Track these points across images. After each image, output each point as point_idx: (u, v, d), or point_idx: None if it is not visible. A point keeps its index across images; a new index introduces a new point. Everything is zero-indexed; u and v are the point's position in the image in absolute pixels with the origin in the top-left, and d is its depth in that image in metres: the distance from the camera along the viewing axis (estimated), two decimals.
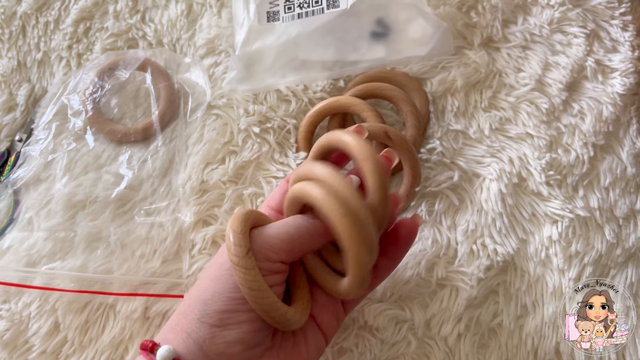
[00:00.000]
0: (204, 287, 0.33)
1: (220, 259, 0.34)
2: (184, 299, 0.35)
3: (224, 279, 0.33)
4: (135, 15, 0.59)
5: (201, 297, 0.33)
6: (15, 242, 0.49)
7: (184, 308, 0.34)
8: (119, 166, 0.51)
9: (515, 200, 0.49)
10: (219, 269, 0.33)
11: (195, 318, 0.32)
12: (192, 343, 0.32)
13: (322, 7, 0.53)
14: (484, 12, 0.54)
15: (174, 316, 0.34)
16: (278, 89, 0.54)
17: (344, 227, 0.30)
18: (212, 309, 0.32)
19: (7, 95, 0.56)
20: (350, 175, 0.37)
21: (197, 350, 0.32)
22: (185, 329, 0.33)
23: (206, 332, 0.32)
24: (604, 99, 0.51)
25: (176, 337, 0.33)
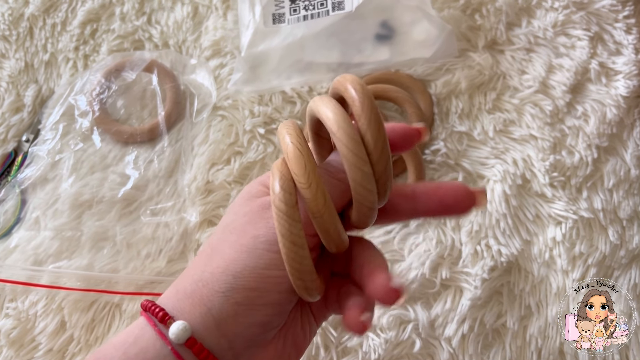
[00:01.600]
0: (233, 258, 0.29)
1: (253, 230, 0.29)
2: (199, 264, 0.30)
3: (258, 253, 0.28)
4: (141, 17, 0.59)
5: (229, 269, 0.28)
6: (23, 241, 0.49)
7: (204, 276, 0.29)
8: (125, 166, 0.52)
9: (519, 201, 0.49)
10: (254, 240, 0.29)
11: (220, 291, 0.28)
12: (210, 319, 0.28)
13: (327, 10, 0.53)
14: (488, 15, 0.54)
15: (188, 281, 0.30)
16: (283, 90, 0.54)
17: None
18: (241, 284, 0.28)
19: (15, 96, 0.57)
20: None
21: (214, 328, 0.28)
22: (204, 301, 0.28)
23: (230, 309, 0.28)
24: (607, 101, 0.51)
25: (193, 309, 0.28)
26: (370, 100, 0.27)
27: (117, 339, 0.29)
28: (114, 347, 0.28)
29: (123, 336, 0.29)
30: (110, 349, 0.28)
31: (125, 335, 0.29)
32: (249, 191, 0.32)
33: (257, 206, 0.30)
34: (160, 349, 0.28)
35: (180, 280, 0.30)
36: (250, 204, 0.31)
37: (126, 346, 0.28)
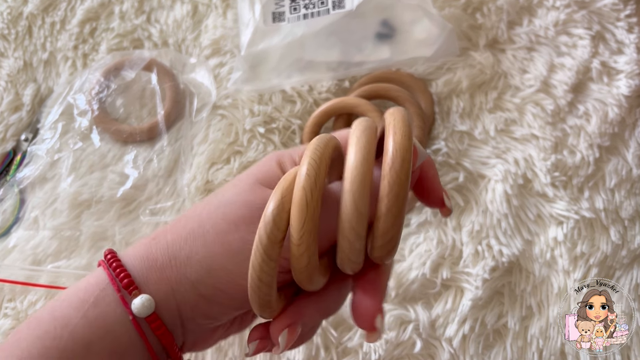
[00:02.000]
0: (215, 252, 0.27)
1: (246, 232, 0.28)
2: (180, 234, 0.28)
3: (241, 260, 0.27)
4: (141, 15, 0.59)
5: (206, 262, 0.27)
6: (21, 240, 0.49)
7: (180, 256, 0.28)
8: (125, 166, 0.52)
9: (521, 201, 0.49)
10: (242, 244, 0.27)
11: (190, 279, 0.27)
12: (172, 300, 0.28)
13: (328, 8, 0.53)
14: (489, 14, 0.54)
15: (161, 252, 0.28)
16: (283, 89, 0.54)
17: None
18: (212, 282, 0.27)
19: (14, 95, 0.56)
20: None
21: (174, 309, 0.28)
22: (171, 282, 0.27)
23: (192, 298, 0.28)
24: (609, 100, 0.51)
25: (159, 284, 0.27)
26: (406, 173, 0.24)
27: (75, 296, 0.27)
28: (71, 306, 0.27)
29: (81, 293, 0.27)
30: (68, 308, 0.27)
31: (84, 293, 0.27)
32: (263, 171, 0.30)
33: (260, 201, 0.28)
34: (120, 314, 0.27)
35: (154, 243, 0.29)
36: (256, 192, 0.29)
37: (86, 306, 0.27)
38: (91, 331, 0.26)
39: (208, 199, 0.30)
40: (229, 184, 0.30)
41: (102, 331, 0.27)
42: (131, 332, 0.27)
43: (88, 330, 0.26)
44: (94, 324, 0.27)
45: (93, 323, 0.27)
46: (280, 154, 0.31)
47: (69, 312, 0.27)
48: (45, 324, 0.27)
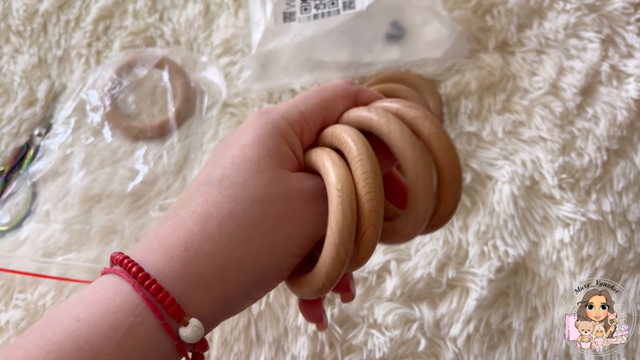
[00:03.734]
0: (263, 253, 0.26)
1: (290, 226, 0.27)
2: (220, 243, 0.26)
3: (288, 255, 0.27)
4: (153, 14, 0.60)
5: (257, 266, 0.26)
6: (33, 233, 0.50)
7: (228, 266, 0.26)
8: (135, 161, 0.52)
9: (528, 202, 0.49)
10: (287, 238, 0.27)
11: (241, 286, 0.26)
12: (222, 308, 0.26)
13: (338, 9, 0.53)
14: (499, 16, 0.54)
15: (206, 264, 0.25)
16: (293, 88, 0.54)
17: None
18: (262, 283, 0.27)
19: (28, 90, 0.57)
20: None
21: (222, 316, 0.27)
22: (223, 294, 0.26)
23: (242, 300, 0.27)
24: (618, 104, 0.51)
25: (209, 299, 0.25)
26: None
27: (104, 321, 0.24)
28: (101, 334, 0.23)
29: (111, 318, 0.24)
30: (97, 335, 0.23)
31: (115, 318, 0.24)
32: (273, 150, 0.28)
33: (294, 193, 0.27)
34: (161, 343, 0.24)
35: (190, 255, 0.25)
36: (285, 180, 0.27)
37: (119, 336, 0.23)
38: None
39: (227, 192, 0.27)
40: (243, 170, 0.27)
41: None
42: (170, 354, 0.25)
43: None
44: (131, 356, 0.24)
45: (129, 355, 0.23)
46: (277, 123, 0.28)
47: (99, 342, 0.23)
48: (69, 354, 0.23)
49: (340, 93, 0.30)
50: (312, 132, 0.30)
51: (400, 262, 0.47)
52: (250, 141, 0.28)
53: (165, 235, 0.26)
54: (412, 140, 0.27)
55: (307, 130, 0.29)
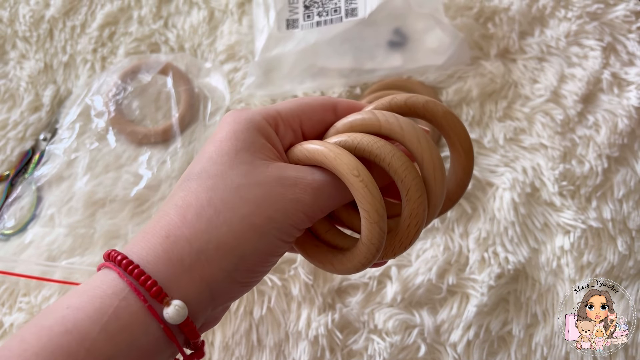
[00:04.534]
0: (245, 237, 0.27)
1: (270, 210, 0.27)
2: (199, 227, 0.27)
3: (270, 239, 0.27)
4: (158, 20, 0.60)
5: (239, 248, 0.27)
6: (37, 237, 0.51)
7: (208, 249, 0.26)
8: (139, 166, 0.53)
9: (528, 209, 0.49)
10: (268, 222, 0.27)
11: (224, 270, 0.26)
12: (207, 295, 0.27)
13: (341, 16, 0.54)
14: (501, 24, 0.54)
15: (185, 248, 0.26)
16: (295, 95, 0.55)
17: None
18: (246, 266, 0.27)
19: (34, 95, 0.58)
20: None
21: (209, 304, 0.27)
22: (206, 278, 0.26)
23: (228, 287, 0.27)
24: (619, 111, 0.51)
25: (191, 284, 0.26)
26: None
27: (90, 305, 0.25)
28: (89, 320, 0.24)
29: (98, 305, 0.25)
30: (85, 321, 0.24)
31: (101, 303, 0.25)
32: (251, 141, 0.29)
33: (273, 179, 0.28)
34: (148, 325, 0.25)
35: (171, 242, 0.27)
36: (261, 169, 0.28)
37: (105, 319, 0.24)
38: (113, 347, 0.24)
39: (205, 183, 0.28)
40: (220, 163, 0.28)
41: (126, 345, 0.24)
42: (159, 340, 0.26)
43: (110, 346, 0.24)
44: (117, 339, 0.24)
45: (116, 338, 0.24)
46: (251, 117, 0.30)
47: (86, 325, 0.24)
48: (57, 337, 0.24)
49: (319, 101, 0.32)
50: (287, 128, 0.31)
51: (401, 268, 0.48)
52: (225, 136, 0.29)
53: (149, 228, 0.27)
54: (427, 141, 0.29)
55: (281, 125, 0.30)
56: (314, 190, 0.29)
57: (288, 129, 0.31)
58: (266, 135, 0.30)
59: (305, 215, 0.28)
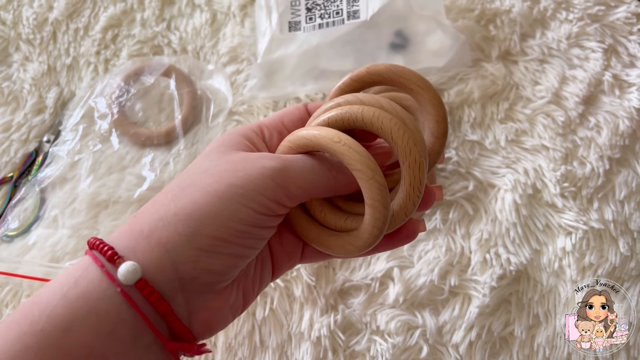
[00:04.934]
0: (204, 202, 0.27)
1: (232, 178, 0.28)
2: (161, 203, 0.28)
3: (232, 204, 0.27)
4: (161, 23, 0.61)
5: (197, 213, 0.27)
6: (41, 238, 0.51)
7: (167, 216, 0.27)
8: (142, 168, 0.53)
9: (530, 211, 0.49)
10: (230, 189, 0.28)
11: (183, 234, 0.27)
12: (167, 261, 0.27)
13: (343, 18, 0.54)
14: (503, 26, 0.55)
15: (145, 221, 0.28)
16: (297, 97, 0.55)
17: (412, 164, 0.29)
18: (206, 232, 0.27)
19: (37, 97, 0.58)
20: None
21: (169, 270, 0.27)
22: (163, 242, 0.27)
23: (190, 253, 0.27)
24: (620, 113, 0.51)
25: (149, 249, 0.27)
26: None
27: (56, 281, 0.26)
28: (52, 291, 0.26)
29: (62, 278, 0.26)
30: (48, 293, 0.26)
31: (65, 278, 0.26)
32: (229, 140, 0.31)
33: (240, 157, 0.29)
34: (105, 289, 0.26)
35: (136, 219, 0.28)
36: (232, 153, 0.30)
37: (65, 289, 0.25)
38: (71, 312, 0.25)
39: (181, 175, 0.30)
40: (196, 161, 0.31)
41: (84, 311, 0.25)
42: (120, 306, 0.26)
43: (68, 311, 0.25)
44: (75, 305, 0.25)
45: (74, 304, 0.25)
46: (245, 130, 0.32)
47: (48, 296, 0.25)
48: (24, 309, 0.26)
49: (293, 107, 0.34)
50: (272, 132, 0.33)
51: (403, 269, 0.48)
52: (206, 149, 0.31)
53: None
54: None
55: (266, 130, 0.33)
56: (282, 160, 0.29)
57: (273, 131, 0.33)
58: (248, 138, 0.31)
59: (273, 182, 0.28)
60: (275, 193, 0.28)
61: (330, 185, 0.30)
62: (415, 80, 0.32)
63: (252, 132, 0.32)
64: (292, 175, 0.29)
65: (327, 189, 0.30)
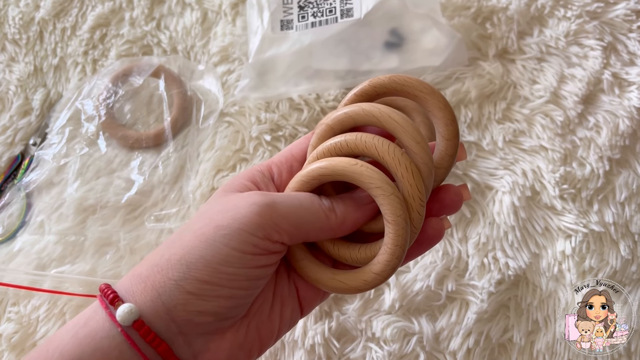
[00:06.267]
0: (191, 246, 0.29)
1: (219, 220, 0.29)
2: (161, 249, 0.30)
3: (217, 246, 0.28)
4: (150, 22, 0.59)
5: (185, 258, 0.29)
6: (27, 245, 0.49)
7: (161, 262, 0.29)
8: (130, 172, 0.52)
9: (528, 213, 0.48)
10: (215, 231, 0.29)
11: (172, 279, 0.28)
12: (160, 305, 0.28)
13: (336, 17, 0.53)
14: (499, 24, 0.54)
15: (145, 266, 0.30)
16: (290, 97, 0.54)
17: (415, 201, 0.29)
18: (193, 275, 0.28)
19: (23, 99, 0.57)
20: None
21: (164, 314, 0.28)
22: (156, 287, 0.28)
23: (180, 297, 0.28)
24: (620, 112, 0.50)
25: (144, 293, 0.29)
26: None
27: (71, 322, 0.29)
28: (65, 330, 0.29)
29: (76, 319, 0.29)
30: (63, 332, 0.29)
31: (78, 318, 0.29)
32: (232, 184, 0.32)
33: (233, 197, 0.30)
34: (109, 329, 0.28)
35: (140, 265, 0.30)
36: (228, 195, 0.31)
37: (77, 328, 0.28)
38: (80, 348, 0.28)
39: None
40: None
41: (90, 348, 0.28)
42: (122, 345, 0.28)
43: (77, 347, 0.28)
44: (83, 342, 0.28)
45: (82, 341, 0.28)
46: (249, 173, 0.33)
47: (61, 335, 0.29)
48: (40, 348, 0.29)
49: (302, 138, 0.35)
50: (281, 168, 0.34)
51: (399, 275, 0.47)
52: (212, 195, 0.33)
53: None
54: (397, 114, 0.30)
55: (275, 167, 0.34)
56: (271, 196, 0.30)
57: (283, 169, 0.34)
58: (252, 179, 0.32)
59: (261, 218, 0.29)
60: (263, 229, 0.29)
61: (322, 222, 0.31)
62: (418, 87, 0.32)
63: (258, 173, 0.33)
64: (280, 209, 0.29)
65: (318, 227, 0.31)
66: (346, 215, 0.31)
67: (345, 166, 0.29)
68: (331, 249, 0.32)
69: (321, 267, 0.32)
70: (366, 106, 0.31)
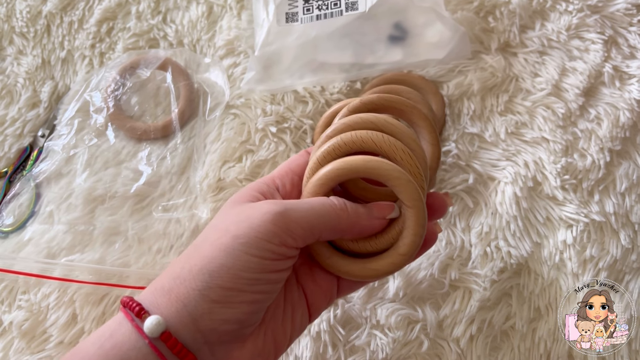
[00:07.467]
0: (212, 257, 0.30)
1: (235, 230, 0.30)
2: (180, 261, 0.31)
3: (236, 254, 0.29)
4: (157, 16, 0.60)
5: (207, 268, 0.30)
6: (36, 234, 0.50)
7: (182, 273, 0.30)
8: (138, 162, 0.52)
9: (530, 203, 0.49)
10: (233, 240, 0.30)
11: (196, 289, 0.29)
12: (186, 315, 0.29)
13: (341, 10, 0.53)
14: (502, 17, 0.54)
15: (166, 278, 0.31)
16: (295, 89, 0.54)
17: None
18: (216, 283, 0.29)
19: (32, 92, 0.58)
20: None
21: (190, 324, 0.29)
22: (181, 298, 0.29)
23: (205, 306, 0.29)
24: (621, 104, 0.51)
25: (169, 305, 0.29)
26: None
27: (95, 334, 0.30)
28: (90, 342, 0.29)
29: (100, 331, 0.30)
30: (87, 344, 0.29)
31: (103, 330, 0.30)
32: (241, 195, 0.34)
33: (246, 207, 0.32)
34: (135, 341, 0.29)
35: (160, 278, 0.31)
36: (240, 206, 0.33)
37: (102, 340, 0.29)
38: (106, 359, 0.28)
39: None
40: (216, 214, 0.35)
41: (117, 359, 0.28)
42: (149, 356, 0.28)
43: (103, 359, 0.28)
44: (110, 354, 0.28)
45: (108, 353, 0.28)
46: (257, 185, 0.35)
47: (87, 347, 0.29)
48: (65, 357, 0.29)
49: (297, 154, 0.37)
50: (283, 180, 0.36)
51: None
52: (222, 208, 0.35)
53: None
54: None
55: (277, 179, 0.36)
56: (284, 204, 0.31)
57: (285, 181, 0.36)
58: (259, 190, 0.34)
59: (276, 226, 0.30)
60: (279, 237, 0.30)
61: (334, 224, 0.32)
62: (400, 104, 0.37)
63: (264, 185, 0.35)
64: (293, 216, 0.31)
65: (332, 229, 0.32)
66: (358, 216, 0.33)
67: (362, 163, 0.32)
68: (350, 244, 0.34)
69: (350, 260, 0.34)
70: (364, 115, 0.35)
